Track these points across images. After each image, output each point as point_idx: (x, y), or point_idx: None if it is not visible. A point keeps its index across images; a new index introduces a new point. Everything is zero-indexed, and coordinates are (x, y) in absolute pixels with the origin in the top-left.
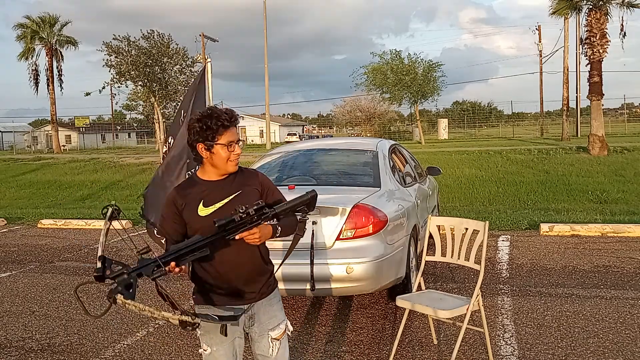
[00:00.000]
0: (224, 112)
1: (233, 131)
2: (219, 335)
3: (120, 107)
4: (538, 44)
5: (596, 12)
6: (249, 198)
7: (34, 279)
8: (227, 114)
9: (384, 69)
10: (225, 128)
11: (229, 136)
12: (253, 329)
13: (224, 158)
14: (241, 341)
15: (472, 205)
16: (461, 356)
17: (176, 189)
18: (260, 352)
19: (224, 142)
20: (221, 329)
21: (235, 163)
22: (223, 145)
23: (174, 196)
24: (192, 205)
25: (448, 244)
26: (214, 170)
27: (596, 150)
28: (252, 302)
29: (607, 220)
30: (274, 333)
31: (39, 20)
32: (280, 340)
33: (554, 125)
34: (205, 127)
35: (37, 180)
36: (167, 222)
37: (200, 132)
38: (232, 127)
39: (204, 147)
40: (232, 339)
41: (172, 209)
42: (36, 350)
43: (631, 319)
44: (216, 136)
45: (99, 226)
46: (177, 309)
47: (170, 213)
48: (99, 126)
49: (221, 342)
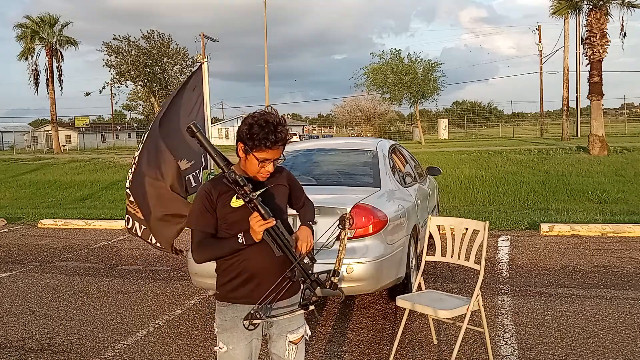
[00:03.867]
0: (275, 131)
1: (273, 152)
2: (237, 335)
3: (120, 107)
4: (538, 44)
5: (596, 12)
6: (278, 193)
7: (34, 279)
8: (279, 134)
9: (384, 69)
10: (267, 147)
11: (266, 155)
12: (272, 329)
13: (255, 170)
14: (258, 343)
15: (472, 205)
16: (461, 356)
17: (211, 182)
18: (276, 352)
19: (258, 157)
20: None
21: (263, 177)
22: (258, 158)
23: (209, 189)
24: (226, 197)
25: (448, 244)
26: (245, 171)
27: (596, 150)
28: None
29: (607, 220)
30: (292, 336)
31: (39, 20)
32: (297, 345)
33: (554, 125)
34: (253, 137)
35: (37, 180)
36: (202, 214)
37: (246, 138)
38: (277, 148)
39: (242, 147)
40: (250, 339)
41: (207, 202)
42: (36, 350)
43: (631, 319)
44: (254, 148)
45: (99, 226)
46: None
47: (204, 206)
48: (99, 126)
49: (238, 342)
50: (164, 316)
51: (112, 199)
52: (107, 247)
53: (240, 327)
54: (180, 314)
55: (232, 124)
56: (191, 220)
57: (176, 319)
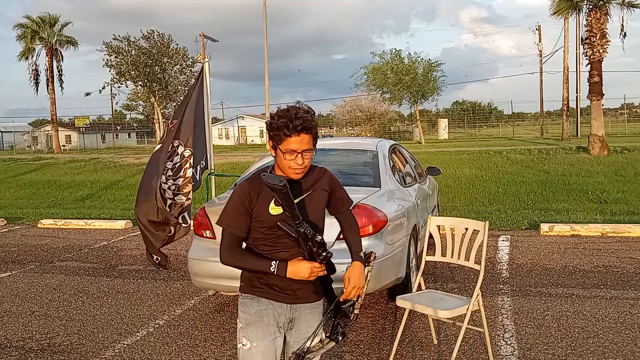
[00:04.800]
0: (295, 117)
1: (298, 140)
2: (262, 330)
3: (120, 107)
4: (538, 44)
5: (596, 12)
6: (318, 200)
7: (34, 279)
8: (298, 119)
9: (384, 69)
10: (287, 136)
11: (290, 144)
12: (291, 332)
13: (284, 165)
14: (281, 340)
15: (472, 205)
16: (461, 356)
17: (249, 182)
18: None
19: (284, 149)
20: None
21: (298, 172)
22: (284, 151)
23: (247, 189)
24: (264, 201)
25: (448, 244)
26: (281, 171)
27: (596, 150)
28: (297, 303)
29: (607, 220)
30: (310, 344)
31: (39, 20)
32: (314, 352)
33: (554, 125)
34: (274, 127)
35: (37, 180)
36: (235, 215)
37: (270, 130)
38: (297, 135)
39: (271, 144)
40: (274, 336)
41: (244, 203)
42: (36, 350)
43: (631, 319)
44: (281, 140)
45: (99, 226)
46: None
47: (240, 206)
48: (99, 126)
49: (262, 338)
50: (164, 316)
51: (112, 199)
52: (107, 247)
53: (265, 321)
54: (180, 314)
55: (232, 124)
56: (224, 219)
57: (176, 319)
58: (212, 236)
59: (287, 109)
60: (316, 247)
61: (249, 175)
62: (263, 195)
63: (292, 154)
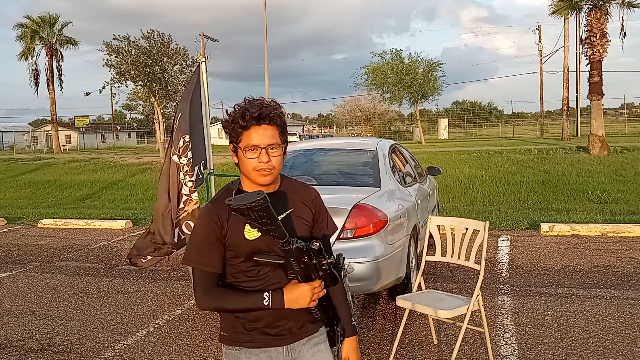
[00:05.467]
0: (252, 105)
1: (259, 132)
2: None
3: (120, 107)
4: (538, 44)
5: (596, 12)
6: (304, 216)
7: (34, 279)
8: (256, 107)
9: (384, 69)
10: (244, 128)
11: (250, 138)
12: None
13: (248, 167)
14: None
15: (472, 205)
16: (461, 356)
17: (214, 203)
18: None
19: (242, 145)
20: None
21: (265, 175)
22: (243, 149)
23: (214, 212)
24: (238, 224)
25: (448, 244)
26: (249, 181)
27: (596, 150)
28: (294, 341)
29: (607, 220)
30: None
31: (39, 20)
32: None
33: (554, 125)
34: (230, 121)
35: (37, 180)
36: (204, 249)
37: (226, 127)
38: (257, 125)
39: (232, 148)
40: None
41: (213, 231)
42: (36, 350)
43: (631, 319)
44: (239, 137)
45: (99, 226)
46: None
47: (209, 235)
48: (99, 126)
49: None
50: (164, 316)
51: (112, 199)
52: (107, 247)
53: None
54: (180, 314)
55: None
56: (189, 255)
57: (176, 319)
58: None
59: (246, 100)
60: (315, 257)
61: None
62: (235, 217)
63: (254, 151)
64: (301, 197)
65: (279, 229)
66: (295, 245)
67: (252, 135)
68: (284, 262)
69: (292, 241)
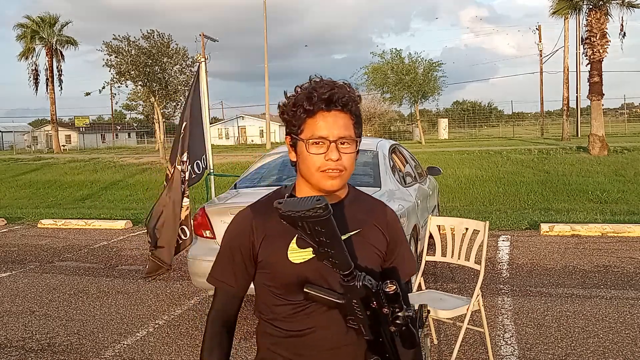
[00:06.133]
0: (321, 86)
1: (329, 119)
2: None
3: (120, 107)
4: (538, 44)
5: (596, 12)
6: (374, 240)
7: (34, 279)
8: (326, 87)
9: (384, 69)
10: (310, 113)
11: (317, 127)
12: None
13: (310, 166)
14: None
15: (472, 205)
16: (461, 356)
17: (253, 207)
18: None
19: (305, 137)
20: None
21: (333, 177)
22: (306, 141)
23: (247, 220)
24: (277, 240)
25: (448, 244)
26: (307, 185)
27: (596, 150)
28: None
29: (607, 220)
30: None
31: (39, 19)
32: None
33: (554, 125)
34: (290, 104)
35: (37, 180)
36: (227, 261)
37: (285, 112)
38: (327, 111)
39: (289, 140)
40: None
41: (242, 242)
42: (36, 350)
43: (631, 319)
44: (301, 126)
45: (99, 226)
46: None
47: (235, 248)
48: (99, 126)
49: None
50: (164, 316)
51: (112, 199)
52: (107, 247)
53: None
54: (180, 314)
55: (232, 124)
56: (212, 270)
57: (176, 319)
58: (212, 236)
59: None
60: (389, 305)
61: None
62: (278, 230)
63: (321, 145)
64: (373, 217)
65: (342, 254)
66: (362, 283)
67: (319, 124)
68: (344, 303)
69: (358, 276)
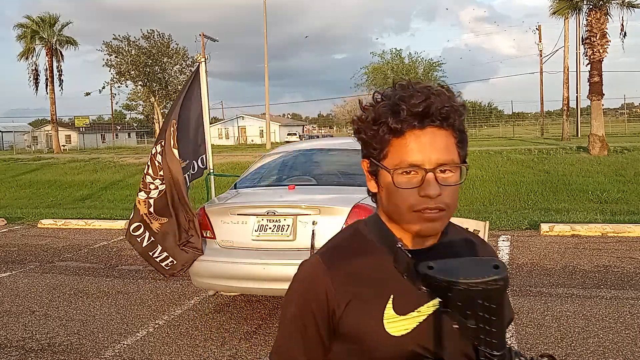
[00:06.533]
0: (413, 94)
1: (425, 138)
2: None
3: (120, 107)
4: (538, 44)
5: (596, 12)
6: None
7: (34, 279)
8: (419, 96)
9: (384, 69)
10: (396, 133)
11: (404, 152)
12: None
13: (400, 203)
14: None
15: (472, 205)
16: None
17: (327, 259)
18: None
19: (391, 164)
20: None
21: (432, 219)
22: (393, 171)
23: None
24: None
25: None
26: (395, 225)
27: (596, 150)
28: None
29: (607, 220)
30: None
31: (39, 20)
32: None
33: (554, 125)
34: (372, 123)
35: (37, 180)
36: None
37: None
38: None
39: (367, 165)
40: None
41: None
42: (36, 350)
43: (631, 319)
44: (384, 147)
45: (99, 226)
46: None
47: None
48: (98, 126)
49: None
50: (164, 316)
51: (112, 199)
52: (107, 247)
53: None
54: (180, 314)
55: (232, 124)
56: (280, 348)
57: (176, 319)
58: (212, 236)
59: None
60: None
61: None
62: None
63: (414, 175)
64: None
65: (502, 332)
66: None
67: (410, 147)
68: None
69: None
